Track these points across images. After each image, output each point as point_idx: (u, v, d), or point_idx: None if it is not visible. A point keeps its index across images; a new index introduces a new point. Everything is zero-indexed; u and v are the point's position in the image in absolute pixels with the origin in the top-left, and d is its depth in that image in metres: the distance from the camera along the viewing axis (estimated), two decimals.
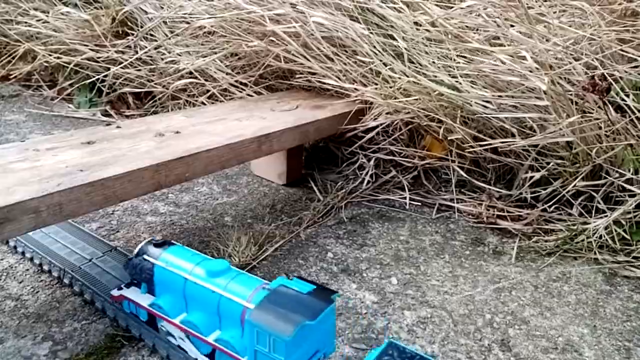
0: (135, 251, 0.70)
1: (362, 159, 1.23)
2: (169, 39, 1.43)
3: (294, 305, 0.55)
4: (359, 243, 0.98)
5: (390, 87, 1.10)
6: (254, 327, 0.54)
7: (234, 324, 0.59)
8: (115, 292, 0.70)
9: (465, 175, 1.13)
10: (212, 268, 0.62)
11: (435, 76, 1.04)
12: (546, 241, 0.99)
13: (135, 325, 0.69)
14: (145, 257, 0.68)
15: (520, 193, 1.08)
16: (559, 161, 1.03)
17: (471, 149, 1.07)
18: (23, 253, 0.87)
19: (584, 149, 0.97)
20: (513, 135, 1.02)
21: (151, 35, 1.49)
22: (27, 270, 0.84)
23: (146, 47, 1.46)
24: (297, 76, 1.24)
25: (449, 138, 1.10)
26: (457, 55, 1.04)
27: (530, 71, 0.93)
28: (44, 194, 0.60)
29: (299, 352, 0.54)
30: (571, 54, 0.96)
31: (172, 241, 0.71)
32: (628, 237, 0.95)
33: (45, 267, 0.83)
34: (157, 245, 0.68)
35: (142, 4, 1.51)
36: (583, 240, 0.96)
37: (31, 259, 0.85)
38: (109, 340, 0.69)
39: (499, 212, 1.07)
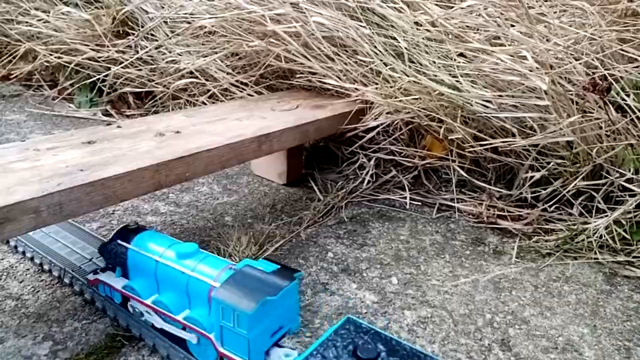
0: (110, 237, 0.73)
1: (362, 158, 1.23)
2: (170, 38, 1.43)
3: (257, 283, 0.58)
4: (359, 243, 0.98)
5: (391, 87, 1.10)
6: (219, 304, 0.57)
7: (202, 302, 0.62)
8: (91, 277, 0.73)
9: (465, 175, 1.13)
10: (182, 251, 0.65)
11: (436, 76, 1.04)
12: (546, 241, 0.99)
13: (136, 325, 0.69)
14: (119, 242, 0.70)
15: (521, 193, 1.08)
16: (559, 161, 1.03)
17: (471, 148, 1.07)
18: (23, 253, 0.87)
19: (584, 149, 0.97)
20: (513, 135, 1.02)
21: (152, 35, 1.49)
22: (28, 269, 0.84)
23: (147, 47, 1.46)
24: (298, 76, 1.24)
25: (449, 138, 1.10)
26: (458, 55, 1.04)
27: (531, 71, 0.93)
28: (44, 193, 0.60)
29: (262, 327, 0.57)
30: (572, 54, 0.96)
31: (145, 226, 0.73)
32: (628, 236, 0.95)
33: (46, 267, 0.83)
34: (131, 230, 0.71)
35: (142, 4, 1.51)
36: (583, 240, 0.96)
37: (32, 259, 0.85)
38: (109, 339, 0.69)
39: (499, 212, 1.07)
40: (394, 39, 1.10)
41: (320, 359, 0.49)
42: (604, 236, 0.95)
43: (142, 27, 1.51)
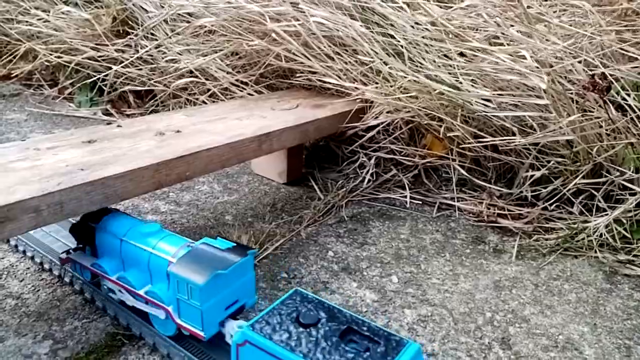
0: (79, 217, 0.76)
1: (362, 157, 1.23)
2: (170, 37, 1.43)
3: (210, 258, 0.62)
4: (359, 242, 0.98)
5: (391, 86, 1.10)
6: (175, 278, 0.61)
7: (161, 278, 0.65)
8: (63, 256, 0.77)
9: (465, 173, 1.13)
10: (144, 230, 0.69)
11: (436, 75, 1.04)
12: (547, 239, 0.99)
13: (136, 324, 0.69)
14: (88, 222, 0.74)
15: (521, 192, 1.08)
16: (559, 160, 1.03)
17: (471, 146, 1.07)
18: (24, 252, 0.87)
19: (584, 148, 0.97)
20: (514, 134, 1.02)
21: (152, 34, 1.49)
22: (28, 268, 0.84)
23: (147, 46, 1.46)
24: (298, 75, 1.24)
25: (449, 137, 1.10)
26: (458, 55, 1.04)
27: (531, 70, 0.92)
28: (45, 193, 0.61)
29: (215, 299, 0.60)
30: (571, 53, 0.96)
31: (113, 208, 0.76)
32: (629, 235, 0.95)
33: (46, 266, 0.83)
34: (98, 211, 0.73)
35: (142, 3, 1.51)
36: (583, 238, 0.96)
37: (32, 258, 0.86)
38: (109, 338, 0.69)
39: (499, 211, 1.07)
40: (394, 38, 1.10)
41: (265, 324, 0.53)
42: (604, 235, 0.95)
43: (142, 26, 1.51)
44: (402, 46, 1.08)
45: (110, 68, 1.52)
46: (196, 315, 0.60)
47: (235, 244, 0.65)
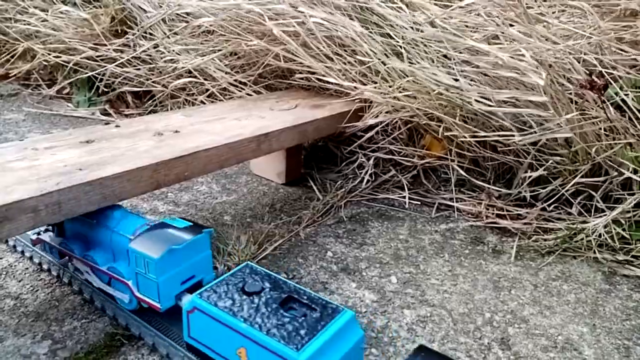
0: None
1: (361, 158, 1.23)
2: (168, 37, 1.43)
3: (167, 235, 0.67)
4: (358, 242, 0.98)
5: (390, 86, 1.10)
6: (133, 254, 0.66)
7: (123, 256, 0.69)
8: (33, 237, 0.81)
9: (464, 174, 1.13)
10: (109, 211, 0.72)
11: (435, 75, 1.03)
12: (545, 240, 0.99)
13: (135, 324, 0.69)
14: None
15: (520, 192, 1.08)
16: (558, 159, 1.03)
17: (469, 142, 1.07)
18: (22, 252, 0.87)
19: (583, 148, 0.98)
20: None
21: (150, 34, 1.49)
22: (27, 269, 0.84)
23: (144, 46, 1.46)
24: (297, 75, 1.24)
25: (448, 136, 1.10)
26: (457, 54, 1.04)
27: (529, 67, 0.92)
28: (43, 193, 0.60)
29: (171, 273, 0.65)
30: (570, 53, 0.96)
31: None
32: (627, 236, 0.95)
33: (45, 266, 0.83)
34: None
35: (141, 3, 1.51)
36: (582, 239, 0.96)
37: (30, 258, 0.85)
38: (108, 338, 0.69)
39: (498, 211, 1.07)
40: (393, 38, 1.10)
41: (212, 293, 0.57)
42: (603, 235, 0.95)
43: (141, 26, 1.50)
44: (400, 46, 1.07)
45: (108, 68, 1.52)
46: (153, 288, 0.64)
47: (192, 224, 0.69)
